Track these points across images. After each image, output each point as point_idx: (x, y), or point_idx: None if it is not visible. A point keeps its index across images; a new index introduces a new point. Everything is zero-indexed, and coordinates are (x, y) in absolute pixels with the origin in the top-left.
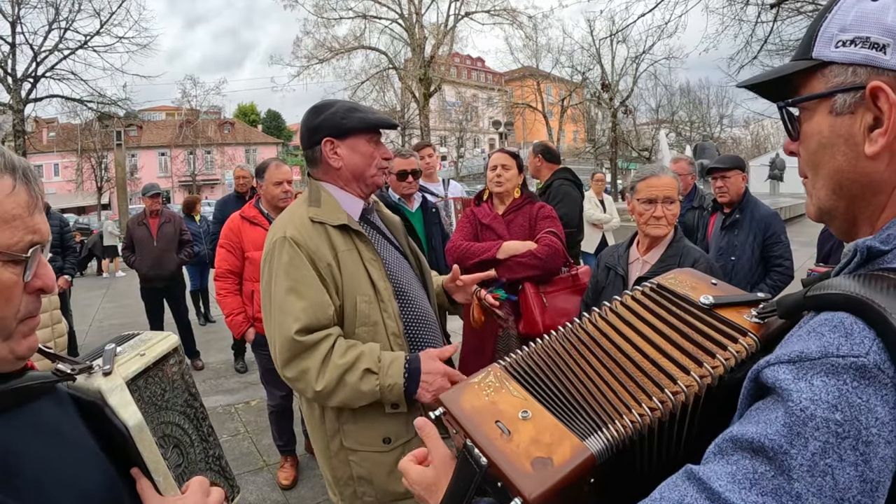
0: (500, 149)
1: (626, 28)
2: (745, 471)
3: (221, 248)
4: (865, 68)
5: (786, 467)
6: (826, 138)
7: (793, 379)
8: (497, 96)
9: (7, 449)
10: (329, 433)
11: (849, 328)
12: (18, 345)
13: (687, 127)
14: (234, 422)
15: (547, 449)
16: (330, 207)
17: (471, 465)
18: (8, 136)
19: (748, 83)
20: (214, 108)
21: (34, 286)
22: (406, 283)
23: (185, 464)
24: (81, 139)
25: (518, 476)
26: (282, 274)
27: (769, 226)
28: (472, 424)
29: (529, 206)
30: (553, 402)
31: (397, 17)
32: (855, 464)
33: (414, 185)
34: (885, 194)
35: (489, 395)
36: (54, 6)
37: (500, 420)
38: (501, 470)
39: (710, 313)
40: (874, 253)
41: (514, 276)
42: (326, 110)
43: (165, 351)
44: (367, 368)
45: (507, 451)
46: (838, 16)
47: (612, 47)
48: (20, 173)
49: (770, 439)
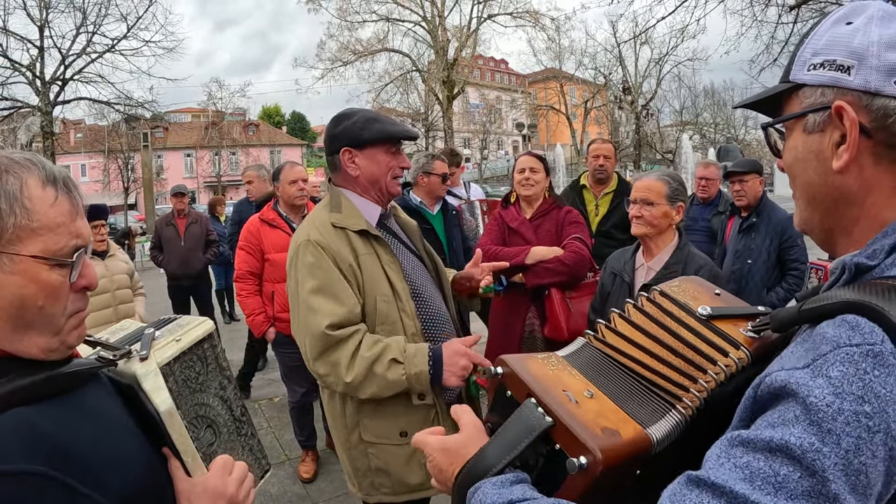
0: (528, 151)
1: (647, 30)
2: (763, 474)
3: (241, 249)
4: (832, 89)
5: (819, 468)
6: (800, 154)
7: (810, 377)
8: (520, 98)
9: (59, 431)
10: (349, 426)
11: (853, 322)
12: (69, 336)
13: (711, 129)
14: (258, 417)
15: (613, 424)
16: (350, 213)
17: (531, 420)
18: (36, 138)
19: (742, 104)
20: (240, 109)
21: (79, 285)
22: (421, 284)
23: (217, 443)
24: (108, 140)
25: (588, 436)
26: (307, 275)
27: (786, 229)
28: (538, 385)
29: (556, 210)
30: (611, 392)
31: (420, 19)
32: (884, 459)
33: (444, 189)
34: (857, 206)
35: (554, 370)
36: (82, 10)
37: (567, 391)
38: (570, 429)
39: (707, 325)
40: (862, 269)
41: (541, 282)
42: (346, 120)
43: (201, 336)
44: (393, 358)
45: (577, 414)
46: (813, 40)
47: (636, 49)
48: (61, 183)
49: (798, 437)
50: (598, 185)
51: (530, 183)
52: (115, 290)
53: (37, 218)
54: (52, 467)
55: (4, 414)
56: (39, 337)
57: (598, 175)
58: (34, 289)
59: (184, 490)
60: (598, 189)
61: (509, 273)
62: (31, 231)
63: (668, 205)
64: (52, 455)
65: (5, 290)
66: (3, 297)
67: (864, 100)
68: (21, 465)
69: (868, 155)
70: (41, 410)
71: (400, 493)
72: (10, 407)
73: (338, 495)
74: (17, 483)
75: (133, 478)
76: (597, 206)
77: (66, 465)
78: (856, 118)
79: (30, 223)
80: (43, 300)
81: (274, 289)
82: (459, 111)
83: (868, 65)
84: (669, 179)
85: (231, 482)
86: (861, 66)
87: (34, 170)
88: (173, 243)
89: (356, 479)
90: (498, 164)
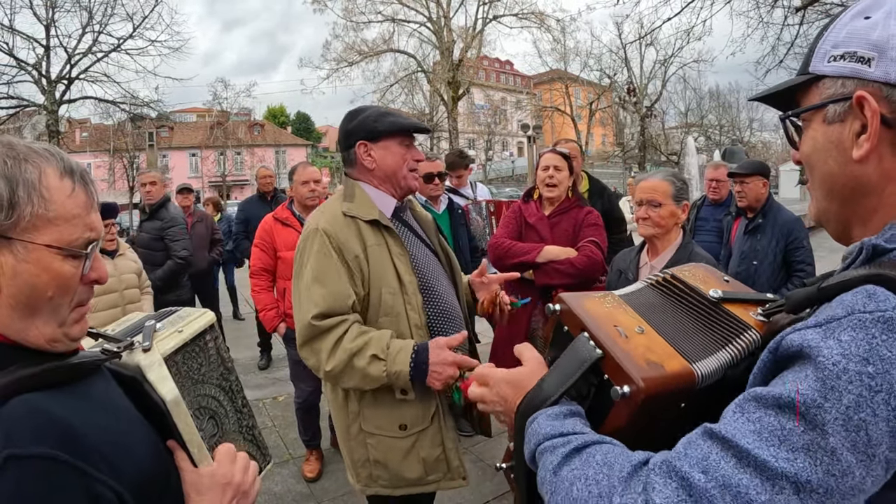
0: (552, 149)
1: (653, 31)
2: (771, 428)
3: (256, 247)
4: (853, 80)
5: (819, 422)
6: (820, 144)
7: (822, 338)
8: (525, 99)
9: (70, 416)
10: (350, 416)
11: (871, 291)
12: (72, 329)
13: (716, 131)
14: (262, 416)
15: (659, 358)
16: (362, 203)
17: (583, 353)
18: (42, 136)
19: (758, 96)
20: (245, 109)
21: (90, 278)
22: (433, 277)
23: (219, 434)
24: (114, 139)
25: (633, 367)
26: (309, 262)
27: (791, 231)
28: (592, 321)
29: (577, 210)
30: (663, 329)
31: (426, 20)
32: (887, 419)
33: (440, 188)
34: (875, 196)
35: (609, 308)
36: (88, 10)
37: (619, 326)
38: (618, 360)
39: (717, 307)
40: (879, 251)
41: (550, 282)
42: (360, 115)
43: (202, 327)
44: (374, 354)
45: (625, 347)
46: (833, 33)
47: (641, 51)
48: (78, 176)
49: (803, 394)
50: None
51: (553, 182)
52: (123, 289)
53: (53, 208)
54: (64, 451)
55: (14, 399)
56: (46, 326)
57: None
58: (46, 278)
59: (192, 480)
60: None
61: (520, 269)
62: (47, 220)
63: (674, 204)
64: (63, 439)
65: (18, 277)
66: (15, 284)
67: (884, 91)
68: (32, 448)
69: (888, 145)
70: (50, 396)
71: (397, 486)
72: (17, 394)
73: (342, 494)
74: (30, 467)
75: (142, 466)
76: None
77: (78, 450)
78: (877, 108)
79: (46, 212)
80: (53, 290)
81: (286, 285)
82: (464, 112)
83: (888, 56)
84: (674, 179)
85: (237, 470)
86: (881, 57)
87: (52, 160)
88: None
89: (355, 469)
90: (502, 165)
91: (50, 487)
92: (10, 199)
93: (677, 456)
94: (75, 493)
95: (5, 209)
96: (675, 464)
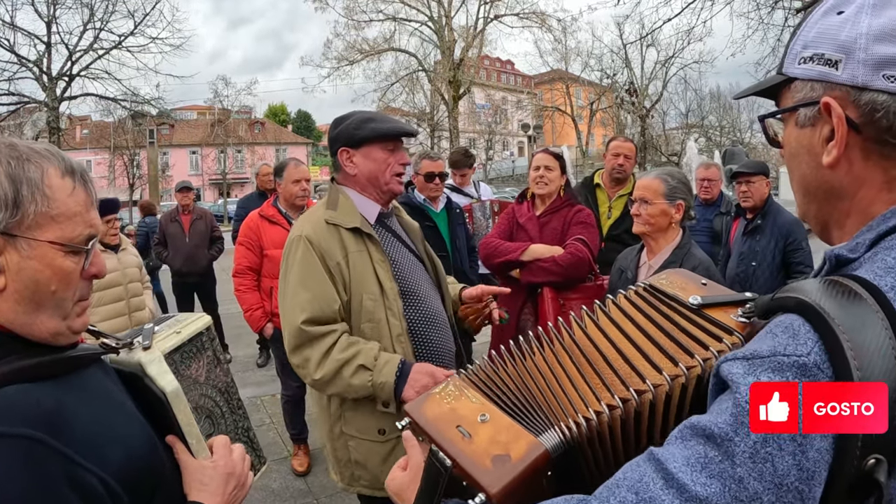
0: (544, 149)
1: (654, 32)
2: (697, 455)
3: (240, 245)
4: (821, 83)
5: (730, 453)
6: (793, 148)
7: (743, 374)
8: (526, 99)
9: (61, 406)
10: (332, 417)
11: (797, 330)
12: (74, 322)
13: (717, 132)
14: (260, 413)
15: (504, 447)
16: (345, 211)
17: (437, 468)
18: (42, 133)
19: (741, 95)
20: (246, 107)
21: (90, 273)
22: (416, 283)
23: (215, 433)
24: (114, 137)
25: (480, 473)
26: (294, 269)
27: (791, 232)
28: (435, 430)
29: (567, 209)
30: (509, 405)
31: (427, 19)
32: (793, 453)
33: (440, 187)
34: (847, 200)
35: (449, 403)
36: (89, 7)
37: (461, 425)
38: (464, 469)
39: (699, 313)
40: (842, 261)
41: (535, 280)
42: (343, 122)
43: (199, 329)
44: (362, 364)
45: (469, 452)
46: (804, 32)
47: (642, 51)
48: (78, 175)
49: (719, 427)
50: (614, 185)
51: (544, 181)
52: (127, 283)
53: (56, 206)
54: (51, 436)
55: (9, 386)
56: (50, 320)
57: (616, 174)
58: (49, 273)
59: (194, 471)
60: (614, 190)
61: (506, 268)
62: (49, 218)
63: (665, 203)
64: (51, 425)
65: (23, 273)
66: (20, 280)
67: (852, 94)
68: (21, 428)
69: (857, 150)
70: (44, 386)
71: (377, 488)
72: (12, 383)
73: (338, 491)
74: (15, 445)
75: (134, 457)
76: (610, 207)
77: (65, 437)
78: (842, 114)
79: (49, 210)
80: (56, 285)
81: (272, 284)
82: (465, 111)
83: (855, 59)
84: (667, 177)
85: (237, 460)
86: (848, 60)
87: (54, 160)
88: (178, 240)
89: (338, 468)
90: (503, 164)
91: (32, 467)
92: (14, 197)
93: (616, 481)
94: (57, 475)
95: (10, 208)
96: (613, 489)
